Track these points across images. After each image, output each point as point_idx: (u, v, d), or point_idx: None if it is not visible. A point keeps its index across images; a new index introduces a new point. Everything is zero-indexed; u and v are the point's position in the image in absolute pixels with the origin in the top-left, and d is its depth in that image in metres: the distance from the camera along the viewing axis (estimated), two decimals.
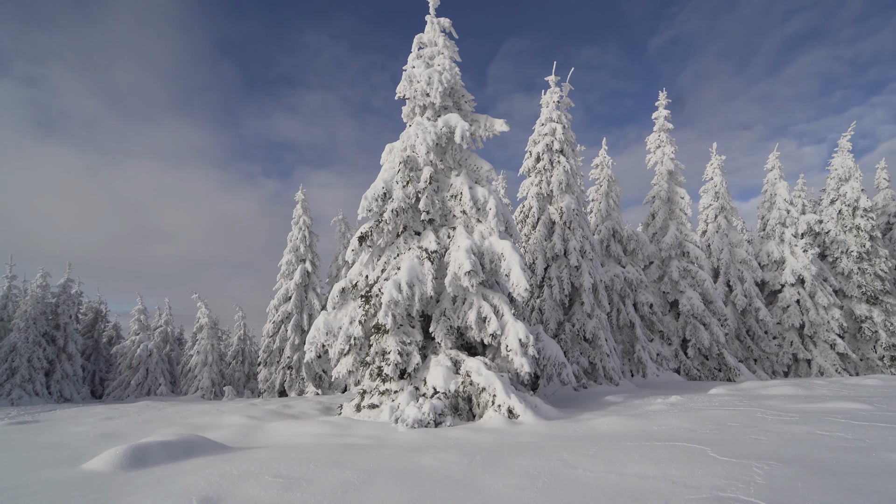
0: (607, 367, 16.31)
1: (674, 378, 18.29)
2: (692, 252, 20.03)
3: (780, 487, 3.81)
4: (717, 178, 22.30)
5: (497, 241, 10.44)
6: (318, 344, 10.95)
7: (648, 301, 19.01)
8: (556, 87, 17.71)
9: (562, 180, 16.88)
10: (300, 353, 23.00)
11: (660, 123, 21.25)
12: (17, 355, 23.71)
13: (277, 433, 8.59)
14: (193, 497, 4.25)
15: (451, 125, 11.09)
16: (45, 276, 26.00)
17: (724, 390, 12.58)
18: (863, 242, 21.78)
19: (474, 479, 4.59)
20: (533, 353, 9.87)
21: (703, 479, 4.16)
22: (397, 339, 10.21)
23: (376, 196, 11.01)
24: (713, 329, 18.80)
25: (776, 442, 5.45)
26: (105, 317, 33.27)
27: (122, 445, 5.76)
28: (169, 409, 15.18)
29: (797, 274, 20.85)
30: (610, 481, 4.28)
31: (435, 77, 11.35)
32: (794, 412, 7.58)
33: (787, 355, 20.90)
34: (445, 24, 12.34)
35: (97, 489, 4.68)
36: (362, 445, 6.91)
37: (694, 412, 8.27)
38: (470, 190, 10.85)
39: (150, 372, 29.49)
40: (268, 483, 4.62)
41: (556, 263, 16.97)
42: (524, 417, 8.56)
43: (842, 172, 23.19)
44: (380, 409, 10.20)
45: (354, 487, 4.46)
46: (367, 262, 11.46)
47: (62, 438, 8.96)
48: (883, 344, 21.09)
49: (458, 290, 10.32)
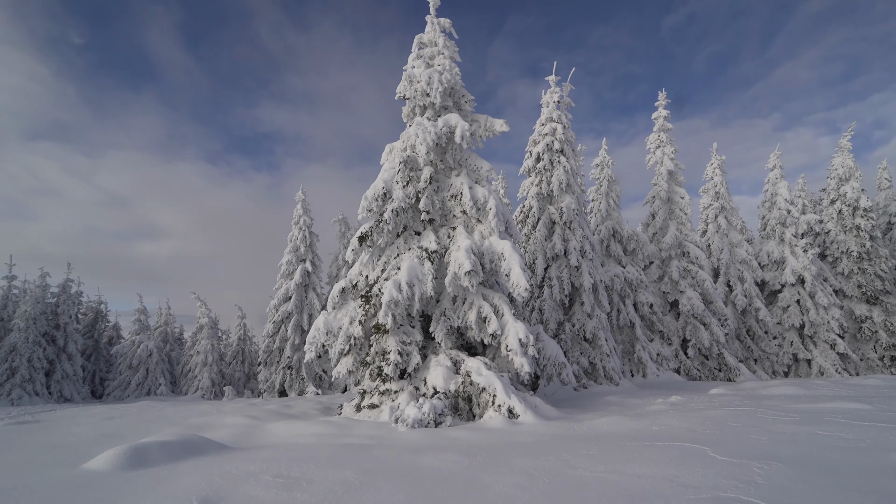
0: (607, 367, 16.31)
1: (674, 378, 18.29)
2: (692, 252, 20.03)
3: (780, 487, 3.81)
4: (717, 177, 22.30)
5: (497, 241, 10.44)
6: (318, 344, 10.95)
7: (648, 301, 19.00)
8: (557, 86, 17.72)
9: (562, 180, 16.89)
10: (300, 353, 22.99)
11: (660, 123, 21.25)
12: (17, 355, 23.72)
13: (277, 433, 8.59)
14: (193, 497, 4.25)
15: (451, 125, 11.10)
16: (44, 276, 26.01)
17: (725, 390, 12.58)
18: (863, 242, 21.77)
19: (474, 479, 4.59)
20: (533, 353, 9.87)
21: (703, 479, 4.15)
22: (397, 339, 10.21)
23: (376, 196, 11.01)
24: (713, 329, 18.80)
25: (776, 442, 5.45)
26: (105, 317, 33.26)
27: (123, 445, 5.75)
28: (169, 409, 15.17)
29: (797, 274, 20.84)
30: (610, 481, 4.28)
31: (435, 77, 11.36)
32: (795, 412, 7.58)
33: (787, 355, 20.88)
34: (445, 24, 12.35)
35: (97, 489, 4.67)
36: (362, 445, 6.91)
37: (694, 412, 8.27)
38: (470, 190, 10.86)
39: (150, 372, 29.50)
40: (268, 483, 4.62)
41: (556, 263, 16.97)
42: (524, 417, 8.57)
43: (842, 172, 23.17)
44: (380, 409, 10.20)
45: (354, 487, 4.45)
46: (367, 262, 11.46)
47: (62, 438, 8.95)
48: (883, 344, 21.08)
49: (459, 290, 10.32)
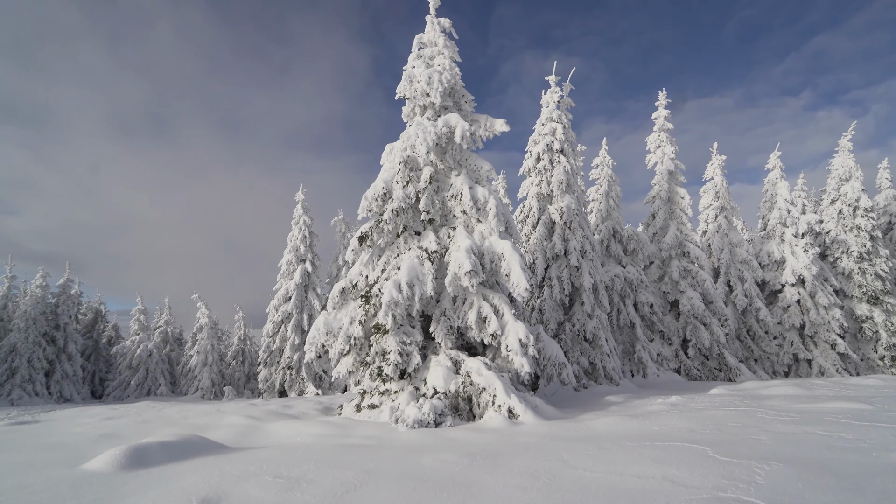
0: (607, 367, 16.30)
1: (674, 378, 18.28)
2: (692, 252, 20.02)
3: (780, 487, 3.81)
4: (717, 177, 22.29)
5: (497, 241, 10.44)
6: (319, 344, 10.95)
7: (649, 301, 19.00)
8: (557, 86, 17.70)
9: (562, 180, 16.88)
10: (300, 353, 22.99)
11: (660, 123, 21.23)
12: (17, 356, 23.73)
13: (277, 433, 8.59)
14: (193, 497, 4.25)
15: (451, 125, 11.09)
16: (44, 276, 26.02)
17: (725, 390, 12.57)
18: (863, 242, 21.77)
19: (474, 480, 4.59)
20: (533, 353, 9.86)
21: (703, 479, 4.15)
22: (397, 339, 10.21)
23: (376, 196, 11.01)
24: (714, 329, 18.79)
25: (776, 442, 5.45)
26: (105, 317, 33.28)
27: (123, 446, 5.76)
28: (169, 409, 15.17)
29: (798, 274, 20.83)
30: (610, 481, 4.27)
31: (435, 77, 11.36)
32: (795, 412, 7.57)
33: (787, 355, 20.88)
34: (446, 24, 12.34)
35: (97, 489, 4.67)
36: (362, 446, 6.91)
37: (694, 412, 8.26)
38: (470, 190, 10.85)
39: (150, 372, 29.50)
40: (268, 483, 4.62)
41: (557, 263, 16.97)
42: (524, 417, 8.56)
43: (842, 172, 23.17)
44: (380, 410, 10.20)
45: (354, 488, 4.45)
46: (367, 263, 11.46)
47: (62, 438, 8.95)
48: (884, 344, 21.08)
49: (459, 290, 10.31)
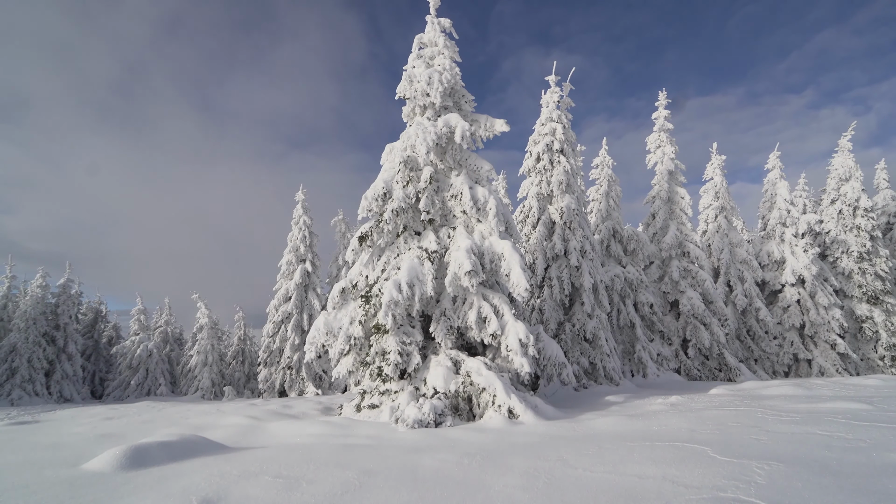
0: (607, 367, 16.30)
1: (674, 378, 18.27)
2: (692, 252, 20.02)
3: (780, 487, 3.81)
4: (717, 177, 22.30)
5: (497, 241, 10.44)
6: (319, 344, 10.95)
7: (649, 301, 18.99)
8: (557, 86, 17.70)
9: (562, 180, 16.88)
10: (300, 353, 22.99)
11: (660, 123, 21.23)
12: (17, 355, 23.73)
13: (277, 433, 8.59)
14: (193, 497, 4.25)
15: (451, 125, 11.10)
16: (44, 276, 26.01)
17: (725, 390, 12.56)
18: (863, 242, 21.77)
19: (474, 480, 4.59)
20: (533, 353, 9.86)
21: (703, 479, 4.15)
22: (397, 339, 10.21)
23: (376, 196, 11.01)
24: (714, 329, 18.79)
25: (776, 442, 5.45)
26: (105, 317, 33.28)
27: (122, 446, 5.76)
28: (169, 409, 15.17)
29: (797, 274, 20.84)
30: (610, 481, 4.27)
31: (435, 77, 11.36)
32: (795, 412, 7.57)
33: (787, 355, 20.88)
34: (446, 24, 12.35)
35: (97, 489, 4.67)
36: (362, 446, 6.91)
37: (694, 412, 8.26)
38: (470, 190, 10.85)
39: (150, 372, 29.49)
40: (268, 483, 4.62)
41: (557, 263, 16.97)
42: (524, 417, 8.56)
43: (842, 172, 23.18)
44: (380, 410, 10.20)
45: (354, 488, 4.45)
46: (367, 263, 11.46)
47: (62, 438, 8.95)
48: (884, 344, 21.08)
49: (459, 290, 10.31)
